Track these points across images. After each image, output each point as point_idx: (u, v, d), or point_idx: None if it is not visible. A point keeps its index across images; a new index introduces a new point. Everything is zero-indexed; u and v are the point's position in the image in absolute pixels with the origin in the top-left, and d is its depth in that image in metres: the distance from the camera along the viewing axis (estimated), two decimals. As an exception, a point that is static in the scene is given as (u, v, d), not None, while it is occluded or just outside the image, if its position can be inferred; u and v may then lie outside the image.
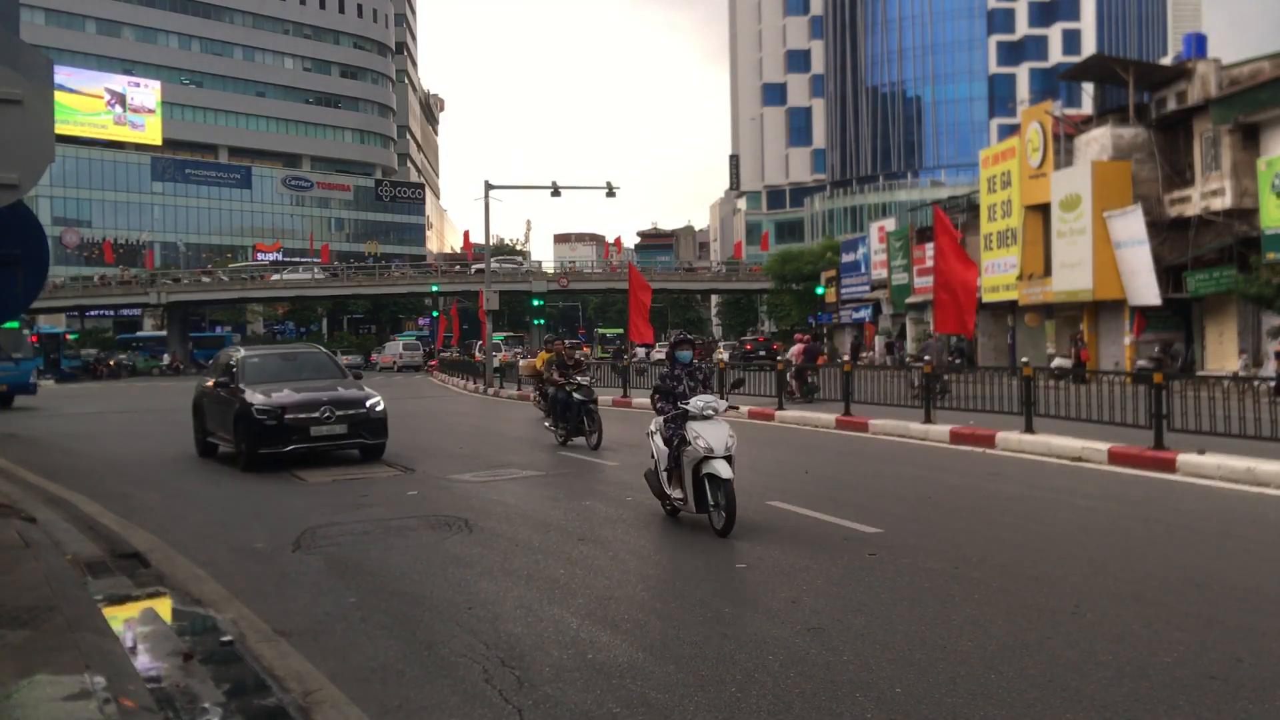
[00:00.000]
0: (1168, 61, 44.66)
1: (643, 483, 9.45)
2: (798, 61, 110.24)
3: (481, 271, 48.48)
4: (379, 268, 78.49)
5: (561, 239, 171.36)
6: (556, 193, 37.15)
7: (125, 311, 76.13)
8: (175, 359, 65.88)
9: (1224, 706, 4.37)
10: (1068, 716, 4.30)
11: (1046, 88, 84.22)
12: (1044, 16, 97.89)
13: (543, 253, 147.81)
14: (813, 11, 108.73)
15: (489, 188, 35.56)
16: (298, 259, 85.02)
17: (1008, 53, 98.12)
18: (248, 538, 8.70)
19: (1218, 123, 27.88)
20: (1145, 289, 28.98)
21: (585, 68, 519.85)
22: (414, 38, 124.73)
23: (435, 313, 78.01)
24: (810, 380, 21.69)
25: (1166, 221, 29.86)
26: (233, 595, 6.65)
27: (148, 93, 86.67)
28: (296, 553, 8.02)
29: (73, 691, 4.11)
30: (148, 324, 76.28)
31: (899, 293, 45.85)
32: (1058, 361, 29.08)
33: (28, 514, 9.10)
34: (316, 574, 7.35)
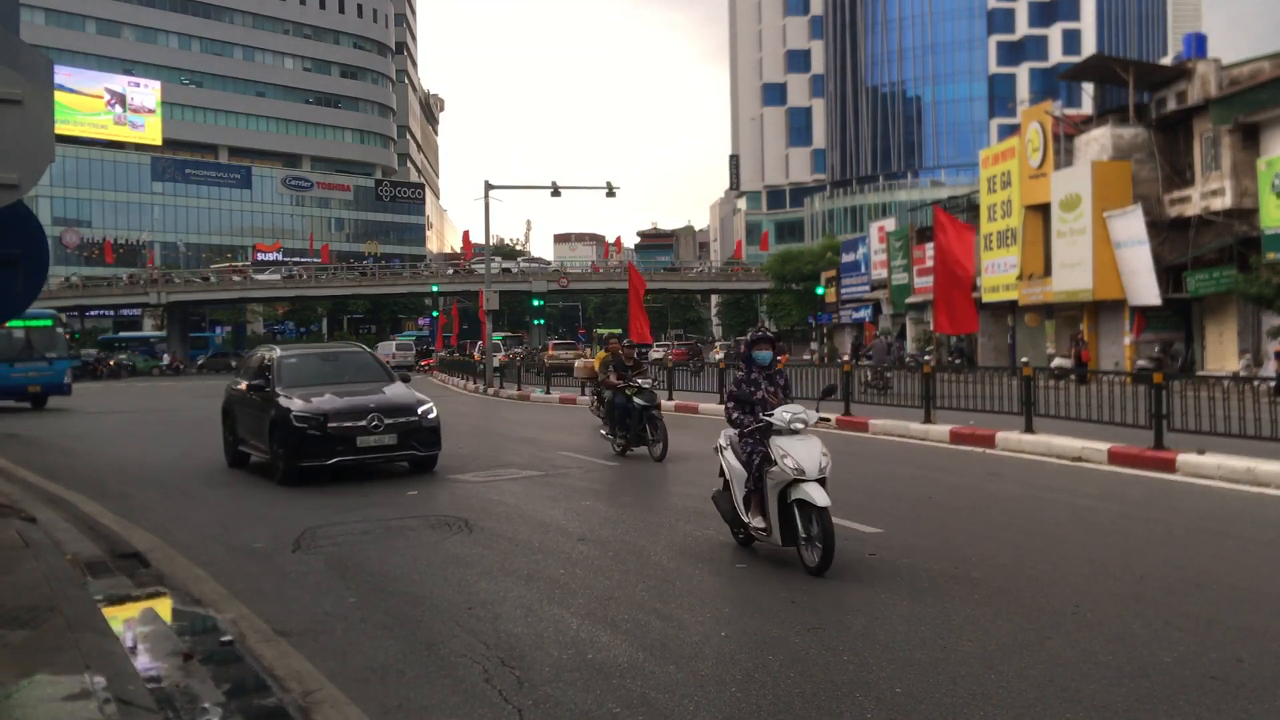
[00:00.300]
0: (1168, 61, 44.68)
1: (642, 483, 9.38)
2: (798, 61, 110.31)
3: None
4: (362, 268, 78.39)
5: (561, 239, 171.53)
6: (556, 193, 37.16)
7: (125, 311, 76.15)
8: (175, 359, 66.20)
9: (1224, 706, 4.37)
10: (1068, 716, 4.29)
11: (1046, 88, 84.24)
12: (1044, 16, 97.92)
13: (543, 253, 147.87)
14: (813, 11, 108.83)
15: (489, 188, 35.57)
16: (292, 259, 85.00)
17: (1008, 53, 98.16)
18: (248, 538, 8.71)
19: (1218, 123, 27.88)
20: (1145, 289, 28.98)
21: (585, 68, 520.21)
22: (414, 38, 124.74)
23: (435, 313, 78.02)
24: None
25: (1166, 221, 29.87)
26: (233, 595, 6.65)
27: (148, 93, 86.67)
28: (296, 553, 8.03)
29: (73, 691, 4.11)
30: (148, 324, 76.33)
31: (899, 293, 45.88)
32: (1058, 361, 29.09)
33: (28, 514, 9.10)
34: (316, 574, 7.35)
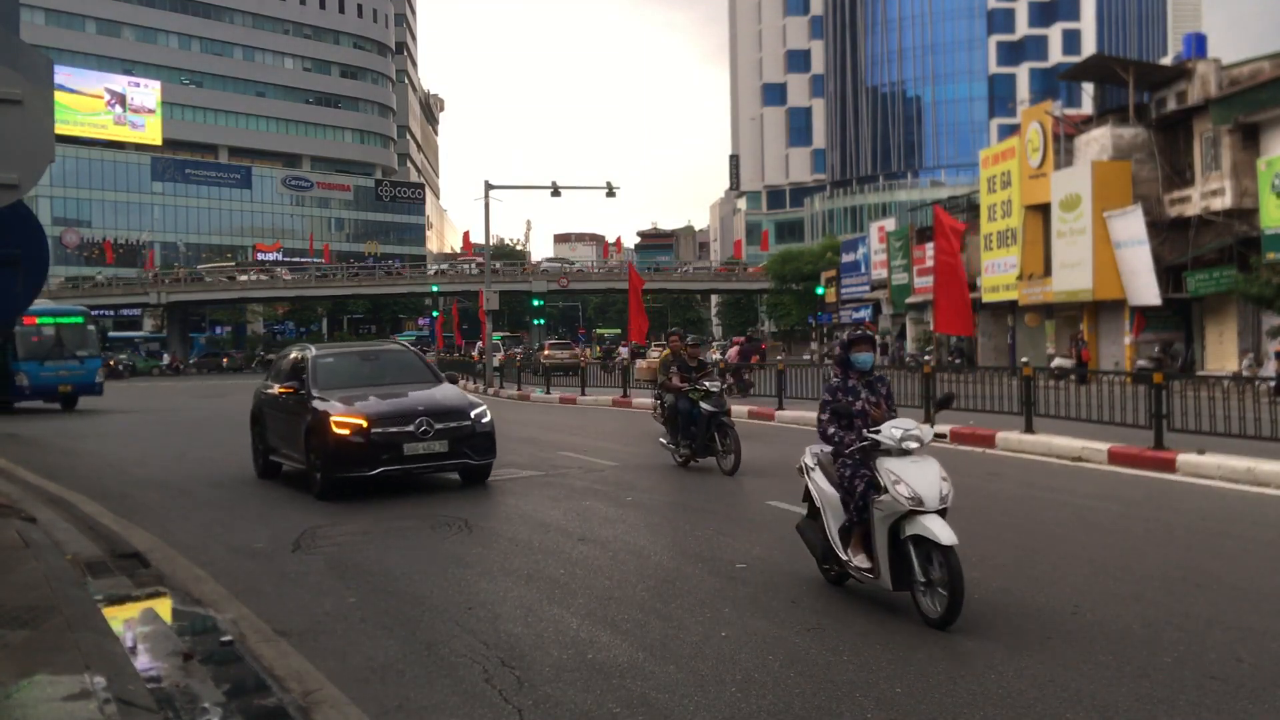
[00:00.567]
0: (1168, 61, 44.68)
1: (643, 482, 9.29)
2: (798, 61, 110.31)
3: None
4: (363, 267, 78.35)
5: (561, 239, 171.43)
6: (556, 193, 37.18)
7: (125, 311, 76.19)
8: (175, 359, 66.54)
9: (1224, 706, 4.37)
10: (1068, 716, 4.30)
11: (1046, 88, 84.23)
12: (1044, 16, 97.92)
13: (543, 253, 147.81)
14: (813, 11, 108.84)
15: (489, 188, 35.58)
16: (299, 259, 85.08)
17: (1008, 53, 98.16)
18: (248, 538, 8.71)
19: (1218, 123, 27.88)
20: (1145, 289, 28.98)
21: (585, 68, 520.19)
22: (414, 38, 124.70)
23: (435, 313, 77.98)
24: (745, 377, 24.13)
25: (1166, 221, 29.86)
26: (233, 595, 6.65)
27: (148, 93, 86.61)
28: (296, 553, 8.03)
29: (73, 691, 4.11)
30: (147, 324, 76.40)
31: (899, 293, 45.88)
32: (1058, 361, 29.11)
33: (28, 514, 9.10)
34: (316, 574, 7.35)
